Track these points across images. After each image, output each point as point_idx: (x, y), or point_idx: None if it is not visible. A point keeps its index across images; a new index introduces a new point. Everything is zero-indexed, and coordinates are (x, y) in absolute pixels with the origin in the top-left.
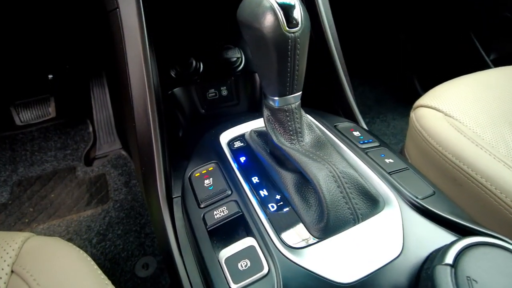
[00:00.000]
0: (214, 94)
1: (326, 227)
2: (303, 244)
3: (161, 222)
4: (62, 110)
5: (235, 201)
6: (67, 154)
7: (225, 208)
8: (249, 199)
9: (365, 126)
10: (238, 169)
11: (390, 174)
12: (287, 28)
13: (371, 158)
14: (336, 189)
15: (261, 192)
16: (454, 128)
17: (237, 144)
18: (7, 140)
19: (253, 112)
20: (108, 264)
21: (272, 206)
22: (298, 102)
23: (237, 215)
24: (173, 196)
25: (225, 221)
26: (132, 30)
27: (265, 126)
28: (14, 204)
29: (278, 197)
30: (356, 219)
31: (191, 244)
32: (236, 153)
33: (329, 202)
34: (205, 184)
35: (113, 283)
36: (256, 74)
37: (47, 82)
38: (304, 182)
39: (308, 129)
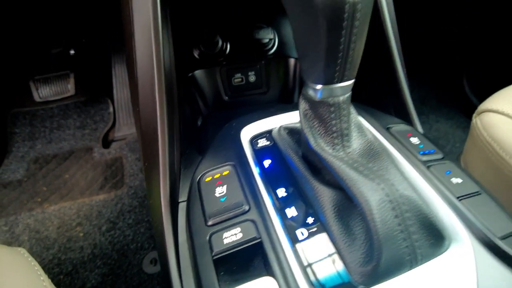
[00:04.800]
0: (240, 79)
1: (376, 271)
2: None
3: (161, 231)
4: (82, 88)
5: (253, 221)
6: (85, 133)
7: (239, 230)
8: (271, 220)
9: (421, 130)
10: (261, 176)
11: (460, 200)
12: None
13: (435, 176)
14: (393, 220)
15: (288, 211)
16: None
17: (262, 142)
18: (27, 115)
19: (285, 103)
20: (115, 255)
21: (302, 233)
22: (348, 95)
23: (254, 242)
24: (179, 200)
25: (237, 248)
26: (144, 3)
27: (301, 122)
28: (29, 181)
29: (311, 220)
30: (414, 261)
31: (192, 269)
32: (259, 154)
33: (383, 237)
34: (216, 194)
35: (119, 276)
36: (291, 59)
37: (68, 57)
38: (349, 203)
39: (358, 131)
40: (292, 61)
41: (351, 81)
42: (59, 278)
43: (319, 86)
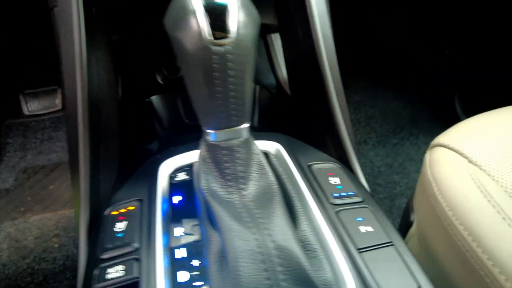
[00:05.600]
0: None
1: None
2: None
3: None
4: None
5: (138, 260)
6: None
7: (123, 267)
8: (155, 260)
9: (358, 170)
10: (164, 213)
11: (360, 252)
12: (211, 39)
13: (341, 223)
14: (261, 274)
15: (177, 251)
16: (477, 186)
17: (181, 176)
18: (20, 127)
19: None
20: None
21: (184, 275)
22: (244, 138)
23: (131, 281)
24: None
25: (115, 286)
26: (68, 31)
27: (198, 164)
28: (16, 191)
29: (196, 263)
30: None
31: None
32: (175, 189)
33: None
34: (115, 229)
35: None
36: (257, 85)
37: (55, 73)
38: None
39: (259, 174)
40: (258, 87)
41: (243, 126)
42: (30, 287)
43: (209, 131)
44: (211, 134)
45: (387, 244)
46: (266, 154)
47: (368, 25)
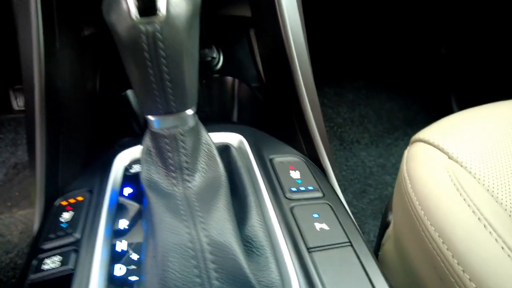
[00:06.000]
0: None
1: None
2: None
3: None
4: None
5: (76, 251)
6: None
7: (60, 258)
8: (94, 252)
9: (328, 166)
10: (111, 205)
11: (311, 252)
12: (138, 18)
13: (295, 219)
14: (191, 271)
15: (119, 244)
16: (453, 183)
17: (137, 168)
18: (12, 122)
19: (225, 122)
20: None
21: (120, 269)
22: (189, 127)
23: (64, 274)
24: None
25: (49, 277)
26: (26, 24)
27: (141, 153)
28: (5, 186)
29: (135, 257)
30: None
31: None
32: (127, 181)
33: None
34: (61, 219)
35: None
36: (228, 78)
37: None
38: None
39: (208, 165)
40: (229, 80)
41: (187, 112)
42: (12, 282)
43: (150, 117)
44: (153, 121)
45: (344, 244)
46: (227, 146)
47: (363, 26)
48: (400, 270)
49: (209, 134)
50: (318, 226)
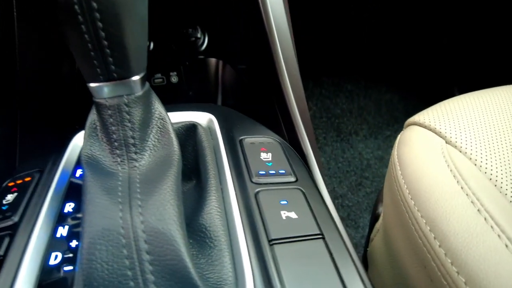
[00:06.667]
0: (161, 80)
1: None
2: None
3: None
4: None
5: (11, 235)
6: None
7: None
8: (31, 237)
9: (310, 151)
10: (59, 186)
11: (273, 244)
12: None
13: (259, 206)
14: (121, 262)
15: (60, 229)
16: (450, 169)
17: None
18: None
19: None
20: None
21: (56, 257)
22: (136, 95)
23: None
24: None
25: None
26: None
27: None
28: None
29: (74, 244)
30: None
31: None
32: None
33: (101, 284)
34: (4, 201)
35: None
36: (212, 60)
37: None
38: None
39: (160, 141)
40: (213, 62)
41: (132, 79)
42: None
43: (91, 84)
44: (95, 90)
45: (314, 237)
46: (194, 125)
47: (364, 15)
48: (388, 268)
49: (178, 113)
50: (285, 214)
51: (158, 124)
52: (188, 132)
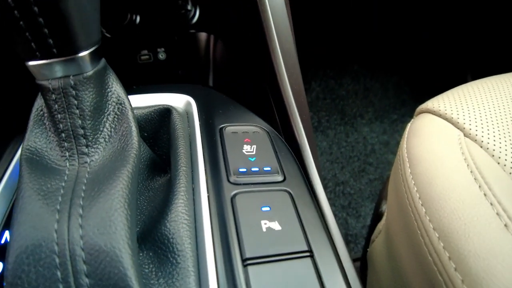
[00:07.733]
0: (148, 57)
1: None
2: None
3: None
4: None
5: None
6: None
7: None
8: None
9: (304, 140)
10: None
11: (247, 265)
12: None
13: (234, 213)
14: (54, 285)
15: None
16: (467, 164)
17: None
18: None
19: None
20: None
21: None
22: (84, 75)
23: None
24: None
25: None
26: None
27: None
28: None
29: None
30: None
31: None
32: None
33: None
34: None
35: None
36: (202, 34)
37: None
38: None
39: (116, 131)
40: (204, 36)
41: (78, 55)
42: None
43: (28, 63)
44: (34, 69)
45: (300, 254)
46: (168, 110)
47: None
48: (388, 274)
49: (152, 94)
50: (265, 225)
51: (116, 110)
52: (163, 118)
